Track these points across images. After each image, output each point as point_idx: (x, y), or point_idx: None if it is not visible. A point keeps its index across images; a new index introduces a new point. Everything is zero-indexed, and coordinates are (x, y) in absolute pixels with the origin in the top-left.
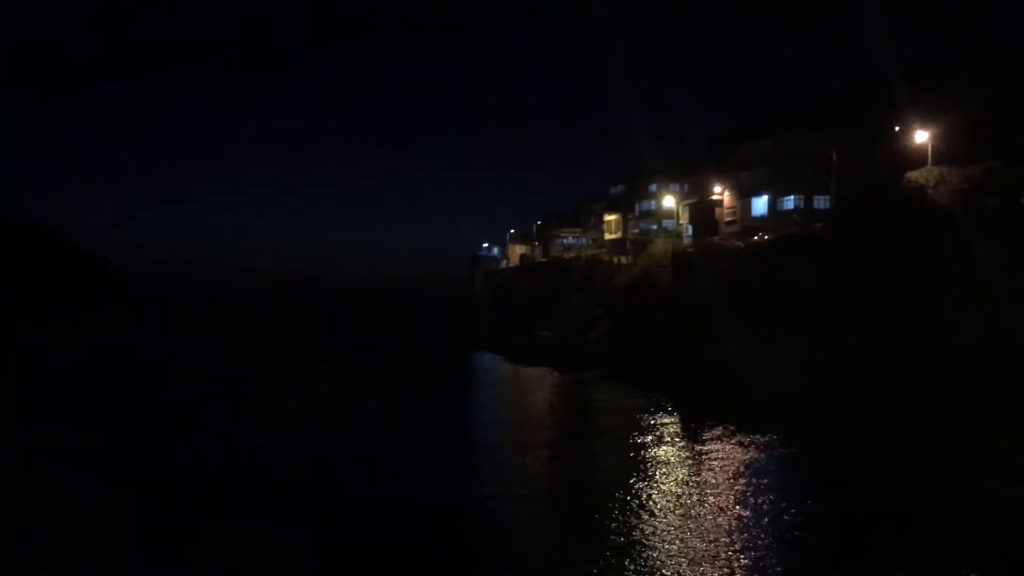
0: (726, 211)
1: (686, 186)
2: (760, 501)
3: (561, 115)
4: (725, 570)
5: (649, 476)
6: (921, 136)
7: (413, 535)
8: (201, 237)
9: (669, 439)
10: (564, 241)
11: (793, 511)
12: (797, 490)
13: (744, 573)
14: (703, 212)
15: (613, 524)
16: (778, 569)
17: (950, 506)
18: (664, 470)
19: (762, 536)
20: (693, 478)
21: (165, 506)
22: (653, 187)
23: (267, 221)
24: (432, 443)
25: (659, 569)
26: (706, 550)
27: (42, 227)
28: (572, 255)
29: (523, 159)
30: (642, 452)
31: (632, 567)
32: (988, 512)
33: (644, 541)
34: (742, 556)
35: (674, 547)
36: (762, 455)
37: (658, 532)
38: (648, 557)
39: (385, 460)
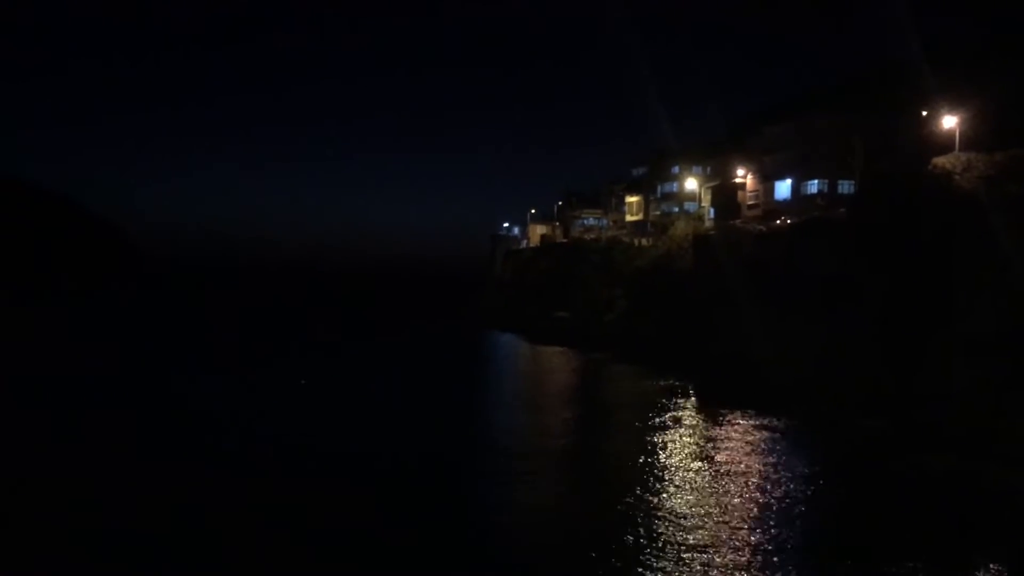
0: (749, 194)
1: (708, 168)
2: (773, 486)
3: (583, 96)
4: (737, 550)
5: (666, 461)
6: (949, 121)
7: (429, 517)
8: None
9: (685, 423)
10: (585, 222)
11: (804, 495)
12: (809, 474)
13: (757, 555)
14: (725, 195)
15: (628, 506)
16: (789, 552)
17: (960, 492)
18: (680, 455)
19: (773, 520)
20: (708, 461)
21: (163, 502)
22: (675, 169)
23: (287, 198)
24: (447, 425)
25: (676, 549)
26: (719, 532)
27: (59, 195)
28: (592, 236)
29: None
30: (658, 437)
31: (650, 548)
32: (998, 498)
33: (659, 527)
34: (753, 537)
35: (689, 529)
36: (776, 440)
37: (672, 516)
38: (665, 539)
39: (402, 439)
